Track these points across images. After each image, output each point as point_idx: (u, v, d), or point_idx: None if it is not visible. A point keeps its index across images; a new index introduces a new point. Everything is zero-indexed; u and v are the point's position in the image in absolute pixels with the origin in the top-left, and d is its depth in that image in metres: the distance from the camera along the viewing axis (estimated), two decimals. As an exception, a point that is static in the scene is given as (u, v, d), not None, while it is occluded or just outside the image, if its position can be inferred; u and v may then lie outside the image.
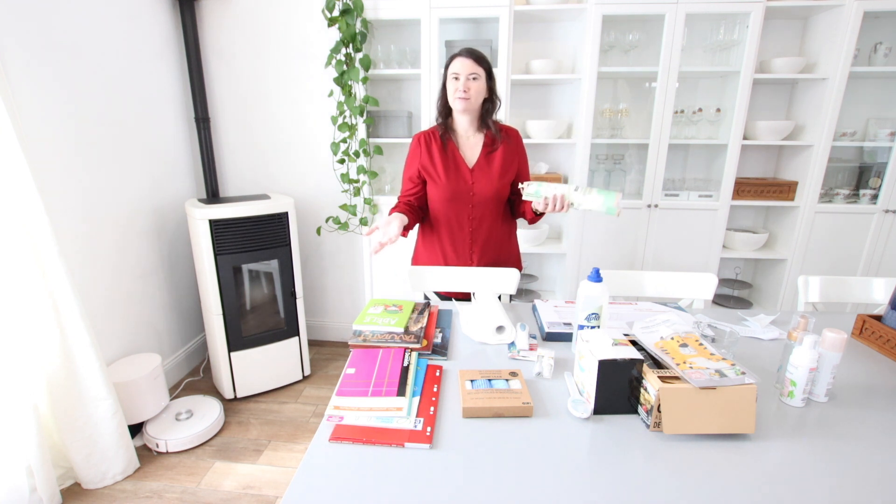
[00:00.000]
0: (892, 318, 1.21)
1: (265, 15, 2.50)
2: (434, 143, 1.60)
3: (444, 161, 1.59)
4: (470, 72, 1.48)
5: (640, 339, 1.05)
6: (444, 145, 1.59)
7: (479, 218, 1.61)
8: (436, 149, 1.60)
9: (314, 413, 2.26)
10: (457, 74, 1.49)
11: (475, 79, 1.49)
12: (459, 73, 1.48)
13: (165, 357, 2.44)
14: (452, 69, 1.50)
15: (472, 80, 1.48)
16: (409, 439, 0.85)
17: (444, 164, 1.59)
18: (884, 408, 0.98)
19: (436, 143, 1.60)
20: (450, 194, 1.58)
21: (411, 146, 1.64)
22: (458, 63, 1.49)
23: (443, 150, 1.59)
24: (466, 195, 1.59)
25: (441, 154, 1.59)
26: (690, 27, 2.38)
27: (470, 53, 1.49)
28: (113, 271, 2.09)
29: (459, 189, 1.58)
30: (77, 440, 1.73)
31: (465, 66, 1.48)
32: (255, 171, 2.75)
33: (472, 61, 1.48)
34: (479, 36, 2.50)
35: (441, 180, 1.58)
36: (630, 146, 2.59)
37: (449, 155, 1.59)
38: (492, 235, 1.65)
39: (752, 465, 0.80)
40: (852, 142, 2.38)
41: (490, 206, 1.60)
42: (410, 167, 1.65)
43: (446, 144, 1.60)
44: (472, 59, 1.48)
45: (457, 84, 1.49)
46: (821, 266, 2.51)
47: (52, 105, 1.78)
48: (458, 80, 1.49)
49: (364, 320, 1.23)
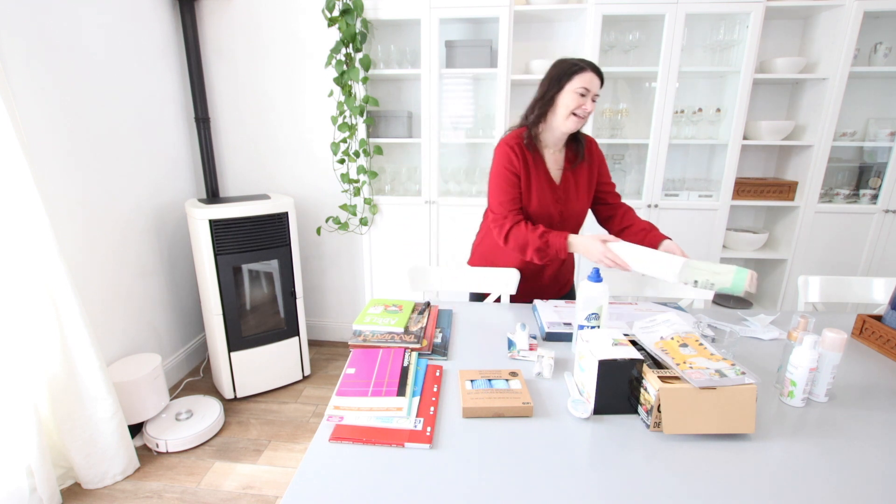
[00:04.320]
0: (892, 318, 1.21)
1: (265, 15, 2.50)
2: (527, 153, 1.43)
3: (535, 176, 1.43)
4: (596, 91, 1.35)
5: (640, 339, 1.05)
6: (532, 158, 1.43)
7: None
8: (528, 161, 1.43)
9: (314, 413, 2.26)
10: (586, 90, 1.33)
11: (594, 99, 1.36)
12: (590, 89, 1.33)
13: (165, 357, 2.44)
14: (580, 83, 1.32)
15: (593, 100, 1.36)
16: (409, 439, 0.85)
17: (535, 179, 1.43)
18: (884, 408, 0.98)
19: (528, 155, 1.43)
20: (538, 214, 1.45)
21: (504, 153, 1.43)
22: (589, 79, 1.32)
23: (532, 163, 1.43)
24: (553, 215, 1.46)
25: (532, 168, 1.43)
26: (690, 27, 2.38)
27: (598, 70, 1.34)
28: (113, 271, 2.09)
29: (546, 209, 1.45)
30: (77, 440, 1.73)
31: (595, 85, 1.33)
32: (255, 171, 2.75)
33: (599, 80, 1.34)
34: (478, 36, 2.50)
35: (533, 199, 1.44)
36: (630, 146, 2.59)
37: (538, 170, 1.44)
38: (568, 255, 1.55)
39: (752, 465, 0.80)
40: (852, 142, 2.38)
41: (571, 225, 1.50)
42: (511, 177, 1.43)
43: (535, 158, 1.44)
44: (600, 78, 1.35)
45: (582, 101, 1.33)
46: (821, 266, 2.51)
47: (52, 105, 1.78)
48: (586, 96, 1.33)
49: (364, 320, 1.23)
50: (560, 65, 1.37)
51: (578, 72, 1.33)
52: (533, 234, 1.37)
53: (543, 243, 1.36)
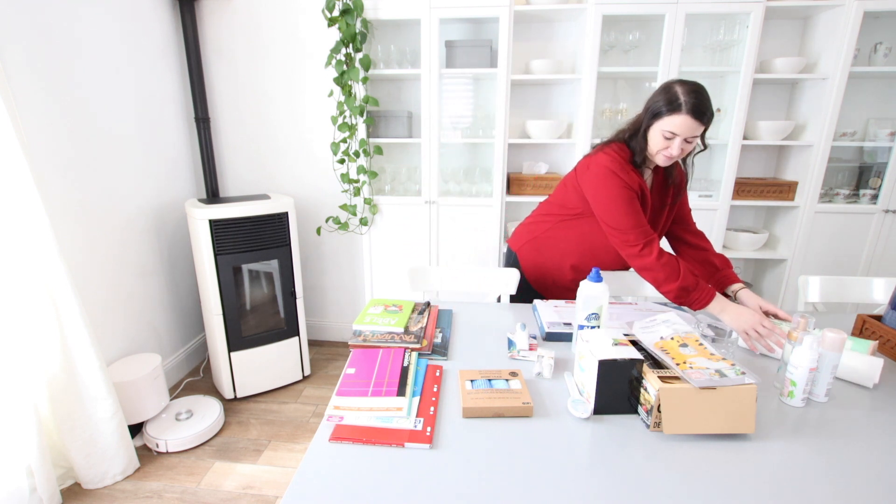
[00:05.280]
0: (892, 318, 1.21)
1: (265, 15, 2.50)
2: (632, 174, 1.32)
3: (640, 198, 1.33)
4: (692, 135, 1.21)
5: (640, 339, 1.05)
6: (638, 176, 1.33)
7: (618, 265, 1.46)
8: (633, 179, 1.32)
9: (314, 413, 2.26)
10: (672, 135, 1.22)
11: (690, 140, 1.23)
12: (679, 135, 1.21)
13: (165, 357, 2.44)
14: (669, 127, 1.21)
15: (688, 141, 1.24)
16: (409, 439, 0.85)
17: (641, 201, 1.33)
18: (884, 408, 0.98)
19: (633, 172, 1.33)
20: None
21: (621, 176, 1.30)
22: (682, 123, 1.19)
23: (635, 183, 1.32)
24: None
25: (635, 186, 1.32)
26: (690, 27, 2.38)
27: (700, 113, 1.18)
28: (113, 271, 2.09)
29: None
30: (77, 440, 1.73)
31: (688, 128, 1.20)
32: (255, 171, 2.75)
33: (698, 123, 1.20)
34: (478, 36, 2.50)
35: None
36: (630, 146, 2.59)
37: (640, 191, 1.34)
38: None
39: (752, 465, 0.80)
40: (852, 142, 2.38)
41: None
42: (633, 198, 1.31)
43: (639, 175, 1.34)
44: (699, 121, 1.19)
45: (668, 143, 1.23)
46: (821, 266, 2.51)
47: (52, 105, 1.78)
48: (673, 140, 1.23)
49: (364, 320, 1.23)
50: (662, 93, 1.25)
51: (671, 112, 1.21)
52: (685, 269, 1.25)
53: (693, 283, 1.24)
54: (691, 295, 1.24)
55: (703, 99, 1.19)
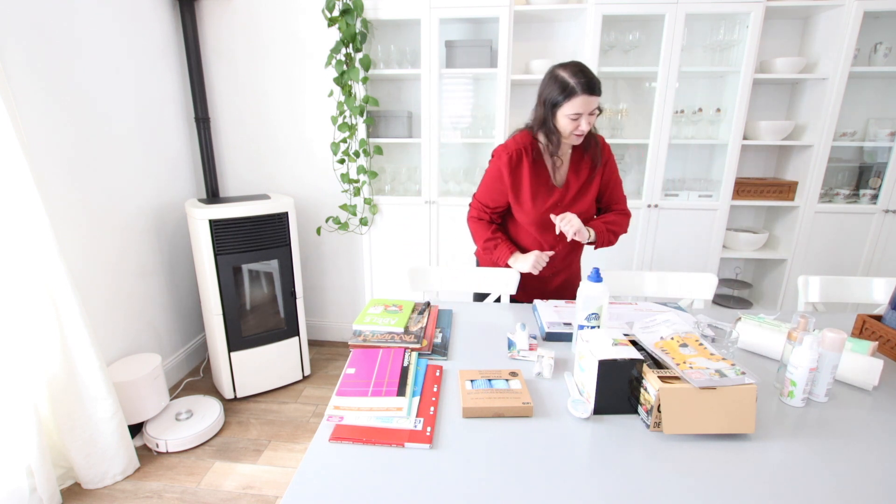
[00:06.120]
0: (892, 318, 1.21)
1: (265, 15, 2.50)
2: (524, 163, 1.44)
3: (533, 184, 1.45)
4: (593, 109, 1.32)
5: (640, 339, 1.05)
6: (533, 164, 1.45)
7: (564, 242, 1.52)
8: (525, 170, 1.44)
9: (314, 413, 2.26)
10: (578, 115, 1.32)
11: (593, 113, 1.34)
12: (583, 112, 1.31)
13: (165, 357, 2.44)
14: (573, 109, 1.31)
15: (591, 115, 1.34)
16: (409, 439, 0.85)
17: (533, 188, 1.45)
18: (884, 408, 0.98)
19: (526, 163, 1.44)
20: (536, 219, 1.48)
21: (497, 165, 1.47)
22: (582, 102, 1.29)
23: (532, 171, 1.45)
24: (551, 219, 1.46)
25: (530, 177, 1.45)
26: (690, 27, 2.38)
27: (592, 89, 1.29)
28: (113, 271, 2.09)
29: (544, 213, 1.47)
30: (77, 440, 1.73)
31: (589, 105, 1.31)
32: (255, 171, 2.75)
33: (595, 97, 1.31)
34: (478, 36, 2.50)
35: (527, 206, 1.47)
36: (630, 146, 2.59)
37: (539, 177, 1.46)
38: (573, 257, 1.60)
39: (752, 465, 0.80)
40: (852, 142, 2.38)
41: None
42: (495, 188, 1.50)
43: (536, 163, 1.45)
44: (595, 95, 1.30)
45: (577, 124, 1.33)
46: (821, 266, 2.51)
47: (52, 105, 1.78)
48: (579, 119, 1.33)
49: (364, 320, 1.23)
50: (551, 84, 1.34)
51: (569, 97, 1.30)
52: (487, 232, 1.55)
53: (492, 245, 1.55)
54: (493, 253, 1.55)
55: (589, 75, 1.30)
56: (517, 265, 1.52)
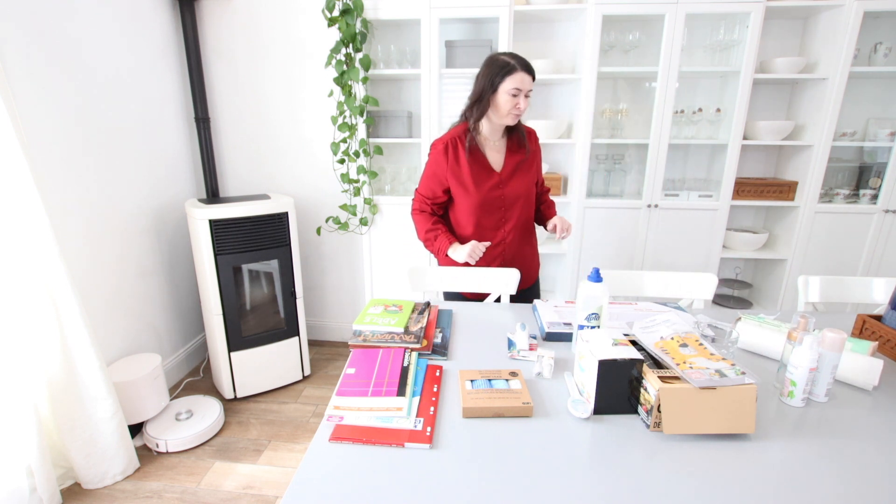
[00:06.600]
0: (892, 318, 1.21)
1: (265, 15, 2.50)
2: (460, 150, 1.55)
3: (473, 168, 1.55)
4: (530, 88, 1.46)
5: (640, 339, 1.05)
6: (471, 152, 1.55)
7: (509, 224, 1.61)
8: (462, 156, 1.55)
9: (314, 413, 2.26)
10: (518, 91, 1.43)
11: (528, 95, 1.46)
12: (522, 89, 1.44)
13: (165, 357, 2.44)
14: (513, 84, 1.43)
15: (527, 96, 1.46)
16: (409, 439, 0.85)
17: (473, 171, 1.55)
18: (884, 408, 0.98)
19: (462, 150, 1.55)
20: (480, 201, 1.56)
21: (434, 154, 1.58)
22: (520, 79, 1.43)
23: (470, 156, 1.55)
24: (497, 201, 1.57)
25: (469, 161, 1.54)
26: (690, 27, 2.38)
27: (529, 69, 1.44)
28: (113, 271, 2.09)
29: (490, 196, 1.56)
30: (77, 440, 1.73)
31: (527, 83, 1.44)
32: (255, 171, 2.75)
33: (531, 78, 1.45)
34: (479, 36, 2.49)
35: (471, 188, 1.55)
36: (630, 146, 2.59)
37: (477, 161, 1.56)
38: (521, 242, 1.66)
39: (752, 465, 0.80)
40: (852, 142, 2.38)
41: (520, 211, 1.61)
42: (434, 177, 1.59)
43: (473, 152, 1.55)
44: (532, 76, 1.45)
45: (516, 101, 1.45)
46: (821, 266, 2.51)
47: (52, 105, 1.78)
48: (519, 96, 1.44)
49: (364, 320, 1.23)
50: (492, 65, 1.46)
51: (509, 73, 1.42)
52: (427, 223, 1.62)
53: (433, 236, 1.61)
54: (434, 244, 1.62)
55: (524, 58, 1.45)
56: (455, 255, 1.57)
